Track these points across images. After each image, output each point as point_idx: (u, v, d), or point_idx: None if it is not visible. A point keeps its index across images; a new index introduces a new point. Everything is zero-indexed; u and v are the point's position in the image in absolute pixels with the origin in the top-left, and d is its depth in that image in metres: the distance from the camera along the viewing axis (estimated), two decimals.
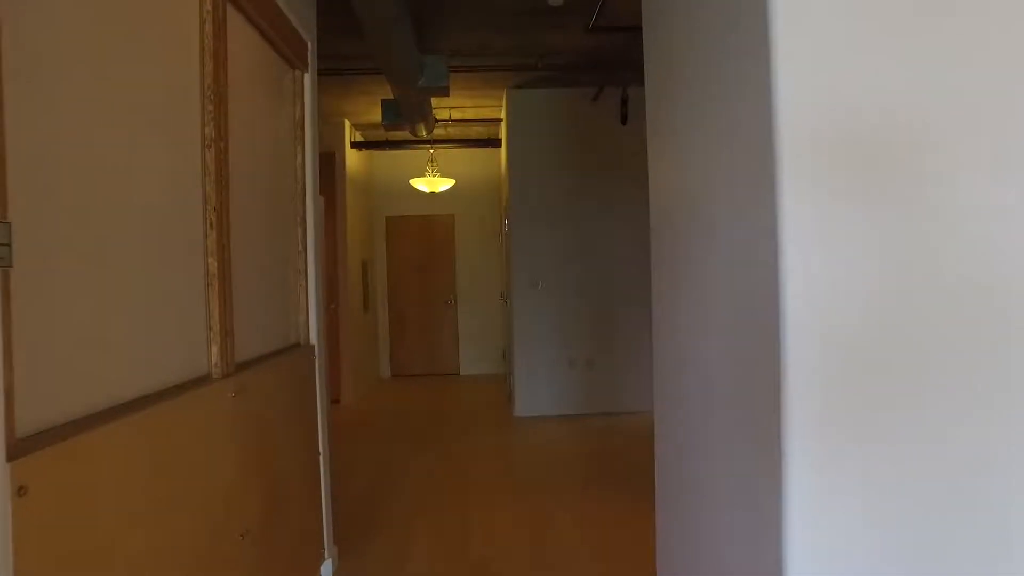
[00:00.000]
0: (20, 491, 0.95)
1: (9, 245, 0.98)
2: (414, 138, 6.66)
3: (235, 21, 1.98)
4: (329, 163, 6.72)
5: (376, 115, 6.34)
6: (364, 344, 7.53)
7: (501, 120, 6.69)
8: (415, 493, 4.00)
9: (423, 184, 7.20)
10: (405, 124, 5.36)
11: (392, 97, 5.08)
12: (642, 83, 2.18)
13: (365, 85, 5.62)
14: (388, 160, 8.31)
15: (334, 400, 6.77)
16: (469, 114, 6.64)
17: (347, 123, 6.85)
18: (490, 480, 4.23)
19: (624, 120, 5.88)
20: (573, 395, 6.06)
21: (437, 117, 6.52)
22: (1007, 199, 1.25)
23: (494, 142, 7.21)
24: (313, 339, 2.73)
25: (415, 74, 4.05)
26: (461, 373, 8.53)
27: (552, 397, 6.04)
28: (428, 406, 6.68)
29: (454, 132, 7.33)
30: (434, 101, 6.17)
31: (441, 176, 7.30)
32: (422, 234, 8.50)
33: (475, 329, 8.50)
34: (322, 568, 2.72)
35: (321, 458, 2.77)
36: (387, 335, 8.50)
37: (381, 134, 7.26)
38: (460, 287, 8.51)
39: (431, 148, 7.33)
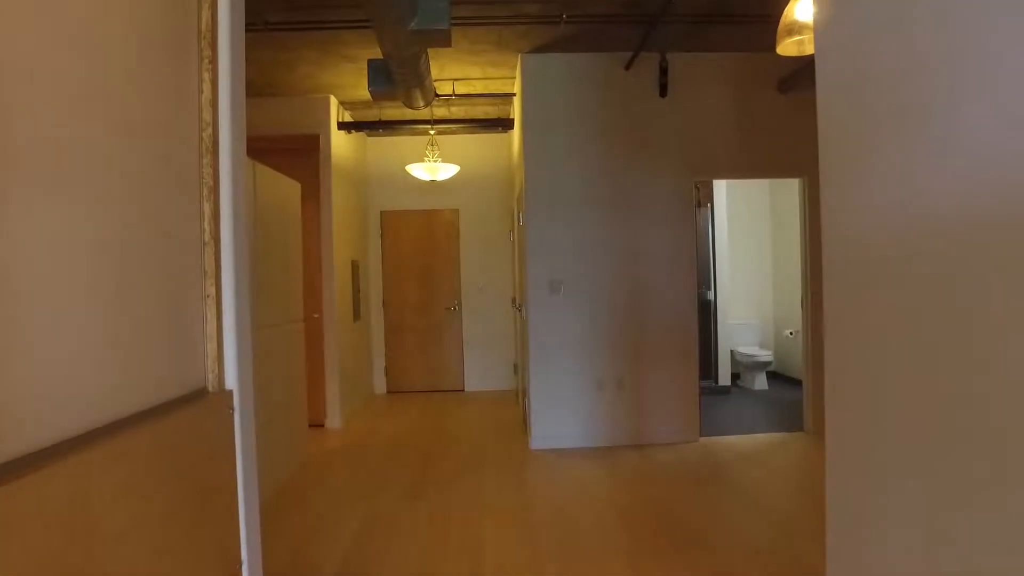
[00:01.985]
0: None
1: None
2: (411, 112, 5.66)
3: None
4: (312, 147, 5.75)
5: (366, 89, 5.36)
6: (355, 358, 6.53)
7: (514, 95, 5.68)
8: (408, 562, 2.99)
9: (422, 169, 6.17)
10: (398, 91, 4.35)
11: (380, 56, 4.07)
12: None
13: (350, 47, 4.62)
14: (383, 146, 7.32)
15: (317, 424, 5.79)
16: (477, 87, 5.63)
17: (333, 100, 5.84)
18: (507, 542, 3.21)
19: (663, 92, 4.89)
20: (600, 423, 5.04)
21: (439, 92, 5.51)
22: None
23: (505, 123, 6.18)
24: (231, 381, 1.72)
25: (406, 12, 3.05)
26: (466, 389, 7.51)
27: (576, 426, 5.03)
28: (428, 431, 5.66)
29: (458, 112, 6.32)
30: (435, 72, 5.17)
31: (443, 162, 6.29)
32: (422, 231, 7.48)
33: (482, 340, 7.48)
34: None
35: (245, 567, 1.76)
36: (382, 347, 7.48)
37: (373, 113, 6.26)
38: (465, 292, 7.49)
39: (432, 129, 6.33)
